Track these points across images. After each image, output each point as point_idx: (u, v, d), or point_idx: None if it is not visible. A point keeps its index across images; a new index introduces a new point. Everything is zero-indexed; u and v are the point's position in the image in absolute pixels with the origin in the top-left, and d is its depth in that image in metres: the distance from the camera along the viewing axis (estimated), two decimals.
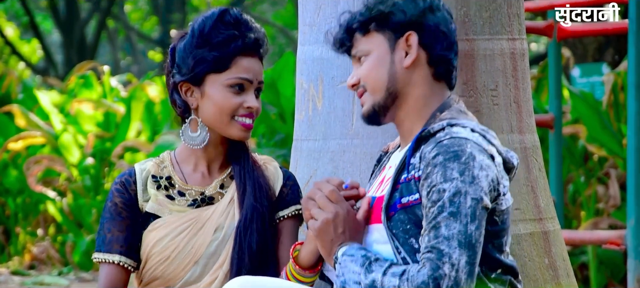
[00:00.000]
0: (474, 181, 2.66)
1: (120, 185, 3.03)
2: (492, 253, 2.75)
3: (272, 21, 27.42)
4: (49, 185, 9.48)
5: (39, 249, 9.52)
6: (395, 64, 2.83)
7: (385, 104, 2.84)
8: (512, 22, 3.34)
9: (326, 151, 3.30)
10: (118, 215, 3.01)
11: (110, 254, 2.99)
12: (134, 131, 9.57)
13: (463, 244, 2.62)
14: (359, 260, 2.70)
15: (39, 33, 23.69)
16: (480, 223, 2.65)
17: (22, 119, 9.52)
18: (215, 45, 2.96)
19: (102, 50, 29.14)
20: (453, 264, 2.61)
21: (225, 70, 2.97)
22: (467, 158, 2.67)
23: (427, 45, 2.82)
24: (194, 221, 2.99)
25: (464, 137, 2.71)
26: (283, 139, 8.63)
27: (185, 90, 3.01)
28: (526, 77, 3.38)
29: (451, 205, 2.65)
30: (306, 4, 3.36)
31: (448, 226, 2.63)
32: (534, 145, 3.38)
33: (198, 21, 3.00)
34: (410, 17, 2.82)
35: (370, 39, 2.85)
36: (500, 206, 2.74)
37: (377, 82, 2.83)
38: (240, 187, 3.01)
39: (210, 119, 2.99)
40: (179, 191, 3.02)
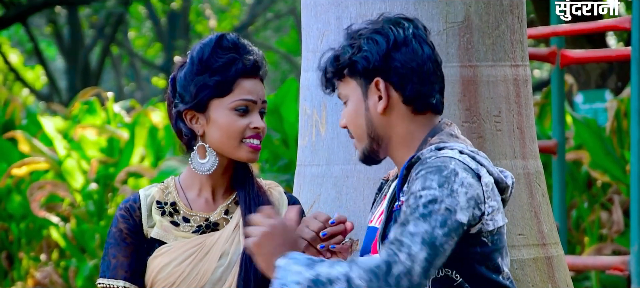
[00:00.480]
0: (451, 194, 2.64)
1: (124, 211, 3.02)
2: (489, 275, 2.74)
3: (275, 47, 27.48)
4: (52, 210, 9.49)
5: (42, 274, 9.51)
6: (371, 110, 2.81)
7: (372, 148, 2.83)
8: (515, 48, 3.35)
9: (329, 176, 3.31)
10: (123, 240, 3.00)
11: (114, 280, 2.98)
12: (138, 156, 9.58)
13: (426, 242, 2.60)
14: (302, 260, 2.65)
15: (43, 59, 23.75)
16: (450, 233, 2.63)
17: (26, 145, 9.53)
18: (216, 70, 2.96)
19: (106, 76, 29.20)
20: (410, 254, 2.59)
21: (229, 93, 2.97)
22: (449, 173, 2.66)
23: (398, 86, 2.79)
24: (199, 247, 2.99)
25: (450, 156, 2.71)
26: (286, 164, 8.64)
27: (190, 117, 3.00)
28: (529, 103, 3.39)
29: (424, 208, 2.63)
30: (309, 31, 3.38)
31: (416, 225, 2.62)
32: (537, 171, 3.38)
33: (196, 49, 3.00)
34: (374, 63, 2.78)
35: (347, 85, 2.85)
36: (486, 226, 2.72)
37: (358, 129, 2.83)
38: (246, 213, 3.01)
39: (218, 144, 2.99)
40: (184, 217, 3.02)
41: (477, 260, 2.72)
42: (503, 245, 2.77)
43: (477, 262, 2.72)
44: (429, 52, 2.82)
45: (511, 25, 3.33)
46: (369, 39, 2.80)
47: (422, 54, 2.80)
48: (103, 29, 23.56)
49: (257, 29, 27.83)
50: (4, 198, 9.72)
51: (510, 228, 3.27)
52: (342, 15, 3.28)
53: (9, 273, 9.74)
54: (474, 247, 2.72)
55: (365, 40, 2.81)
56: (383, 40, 2.79)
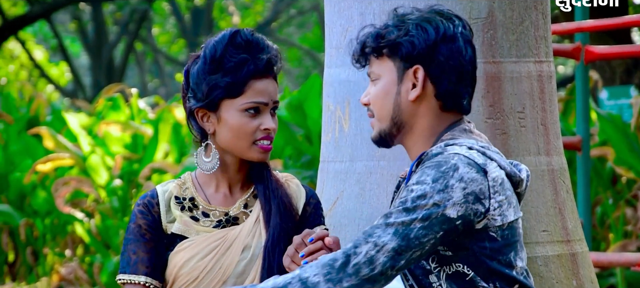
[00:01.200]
0: (445, 189, 2.64)
1: (142, 206, 3.01)
2: (502, 269, 2.73)
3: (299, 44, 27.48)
4: (77, 206, 9.53)
5: (67, 270, 9.56)
6: (401, 95, 2.79)
7: (391, 132, 2.82)
8: (539, 44, 3.34)
9: (353, 173, 3.31)
10: (142, 236, 3.00)
11: (136, 275, 2.98)
12: (162, 153, 9.60)
13: (399, 233, 2.60)
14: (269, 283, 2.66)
15: (67, 56, 23.86)
16: (432, 227, 2.62)
17: (51, 141, 9.58)
18: (228, 70, 2.95)
19: (130, 72, 29.29)
20: (376, 244, 2.60)
21: (240, 95, 2.95)
22: (448, 169, 2.66)
23: (435, 80, 2.78)
24: (222, 241, 2.99)
25: (454, 152, 2.70)
26: (310, 161, 8.64)
27: (202, 115, 3.00)
28: (553, 100, 3.38)
29: (412, 202, 2.63)
30: (333, 27, 3.38)
31: (397, 216, 2.62)
32: (561, 168, 3.37)
33: (209, 45, 2.98)
34: (419, 50, 2.76)
35: (382, 64, 2.82)
36: (494, 222, 2.70)
37: (382, 110, 2.82)
38: (266, 207, 3.01)
39: (229, 144, 2.99)
40: (203, 212, 3.02)
41: (487, 255, 2.71)
42: (516, 240, 2.75)
43: (488, 257, 2.71)
44: (471, 55, 2.80)
45: (535, 21, 3.32)
46: (419, 26, 2.78)
47: (465, 54, 2.79)
48: (127, 25, 23.64)
49: (280, 25, 27.84)
50: (29, 194, 9.78)
51: (534, 225, 3.26)
52: (365, 11, 3.28)
53: (34, 268, 9.79)
54: (482, 241, 2.71)
55: (414, 25, 2.78)
56: (432, 30, 2.77)
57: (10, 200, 9.82)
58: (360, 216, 3.27)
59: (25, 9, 22.05)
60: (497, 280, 2.72)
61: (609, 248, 7.74)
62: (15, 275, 9.90)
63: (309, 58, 27.79)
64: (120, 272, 3.01)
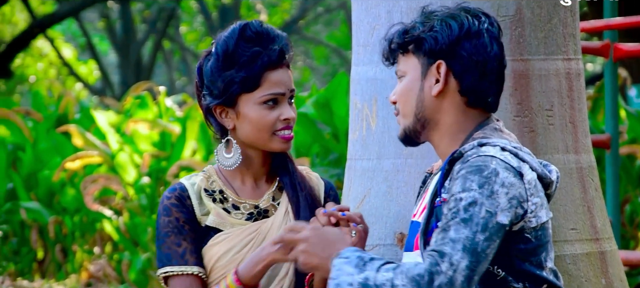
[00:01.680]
0: (492, 195, 2.64)
1: (175, 199, 2.98)
2: (533, 270, 2.73)
3: (326, 41, 27.48)
4: (105, 204, 9.57)
5: (96, 267, 9.61)
6: (425, 91, 2.80)
7: (415, 128, 2.83)
8: (567, 42, 3.32)
9: (380, 170, 3.31)
10: (181, 228, 2.97)
11: (187, 266, 2.95)
12: (189, 150, 9.63)
13: (467, 249, 2.60)
14: (353, 260, 2.66)
15: (95, 54, 23.97)
16: (492, 237, 2.63)
17: (79, 139, 9.63)
18: (242, 64, 2.94)
19: (158, 70, 29.39)
20: (452, 264, 2.59)
21: (256, 88, 2.95)
22: (489, 174, 2.66)
23: (458, 75, 2.77)
24: (256, 234, 2.99)
25: (491, 155, 2.69)
26: (337, 159, 8.63)
27: (220, 112, 3.00)
28: (582, 97, 3.36)
29: (465, 212, 2.63)
30: (360, 25, 3.38)
31: (457, 230, 2.62)
32: (590, 166, 3.35)
33: (220, 41, 2.97)
34: (442, 46, 2.77)
35: (408, 60, 2.83)
36: (529, 224, 2.71)
37: (406, 106, 2.82)
38: (294, 199, 3.02)
39: (250, 137, 2.98)
40: (233, 205, 3.02)
41: (520, 256, 2.72)
42: (547, 240, 2.76)
43: (520, 258, 2.71)
44: (496, 51, 2.79)
45: (563, 19, 3.31)
46: (443, 21, 2.78)
47: (490, 50, 2.78)
48: (155, 23, 23.72)
49: (307, 23, 27.84)
50: (58, 192, 9.83)
51: (563, 223, 3.25)
52: (392, 9, 3.28)
53: (63, 266, 9.85)
54: (517, 244, 2.71)
55: (438, 21, 2.79)
56: (456, 25, 2.77)
57: (39, 197, 9.88)
58: (387, 214, 3.27)
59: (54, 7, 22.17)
60: (527, 280, 2.73)
61: (638, 247, 7.70)
62: (44, 273, 9.96)
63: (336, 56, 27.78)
64: (164, 266, 2.95)
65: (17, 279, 9.72)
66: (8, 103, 12.19)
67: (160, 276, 2.97)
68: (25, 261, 9.93)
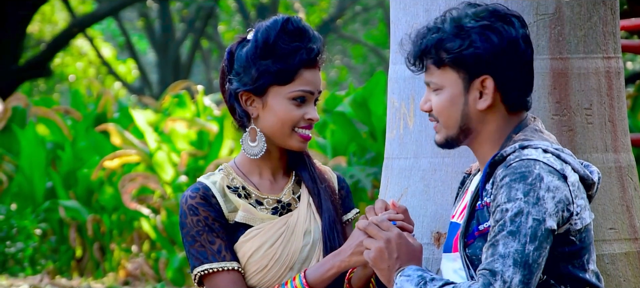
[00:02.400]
0: (538, 202, 2.62)
1: (201, 199, 2.96)
2: (576, 273, 2.71)
3: (363, 40, 27.46)
4: (143, 202, 9.62)
5: (134, 265, 9.65)
6: (469, 105, 2.77)
7: (458, 137, 2.81)
8: (607, 40, 3.30)
9: (417, 169, 3.30)
10: (212, 226, 2.95)
11: (226, 262, 2.94)
12: (227, 149, 9.66)
13: (518, 263, 2.59)
14: (415, 279, 2.69)
15: (134, 53, 24.10)
16: (541, 244, 2.61)
17: (118, 138, 9.68)
18: (280, 57, 2.94)
19: (196, 69, 29.51)
20: (505, 281, 2.58)
21: (289, 82, 2.95)
22: (534, 180, 2.64)
23: (503, 87, 2.75)
24: (286, 228, 2.99)
25: (534, 158, 2.67)
26: (374, 157, 8.63)
27: (246, 99, 2.99)
28: (621, 96, 3.34)
29: (511, 224, 2.61)
30: (398, 24, 3.37)
31: (506, 244, 2.60)
32: (629, 164, 3.33)
33: (261, 30, 2.97)
34: (485, 61, 2.73)
35: (444, 74, 2.77)
36: (574, 226, 2.69)
37: (449, 119, 2.79)
38: (315, 191, 3.03)
39: (271, 130, 2.98)
40: (257, 200, 3.01)
41: (564, 259, 2.70)
42: (590, 242, 2.74)
43: (564, 261, 2.70)
44: (530, 54, 2.78)
45: (603, 17, 3.28)
46: (482, 35, 2.73)
47: (525, 54, 2.76)
48: (193, 22, 23.81)
49: (345, 21, 27.84)
50: (97, 190, 9.89)
51: (601, 222, 3.23)
52: (430, 7, 3.27)
53: (101, 264, 9.91)
54: (562, 247, 2.69)
55: (476, 34, 2.73)
56: (496, 38, 2.73)
57: (78, 196, 9.94)
58: (424, 213, 3.26)
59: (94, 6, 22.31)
60: (570, 283, 2.71)
61: None
62: (82, 271, 10.03)
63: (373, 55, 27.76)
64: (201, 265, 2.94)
65: (55, 277, 9.79)
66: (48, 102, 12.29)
67: (197, 275, 2.95)
68: (64, 259, 10.00)
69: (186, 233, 2.96)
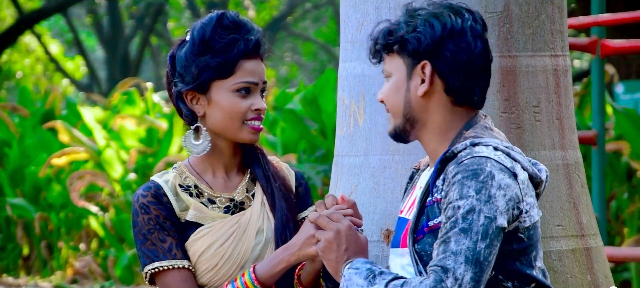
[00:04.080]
0: (489, 200, 2.64)
1: (152, 197, 2.96)
2: (523, 269, 2.74)
3: (314, 38, 27.47)
4: (91, 200, 9.55)
5: (82, 264, 9.58)
6: (411, 91, 2.79)
7: (405, 127, 2.83)
8: (555, 38, 3.32)
9: (367, 167, 3.30)
10: (163, 224, 2.95)
11: (177, 260, 2.94)
12: (176, 146, 9.61)
13: (470, 260, 2.60)
14: (363, 273, 2.70)
15: (83, 50, 23.92)
16: (492, 242, 2.63)
17: (66, 135, 9.60)
18: (218, 51, 2.94)
19: (145, 66, 29.34)
20: (456, 278, 2.60)
21: (230, 75, 2.95)
22: (486, 177, 2.65)
23: (443, 75, 2.77)
24: (237, 226, 2.98)
25: (485, 156, 2.69)
26: (324, 155, 8.63)
27: (191, 98, 2.98)
28: (569, 94, 3.36)
29: (464, 221, 2.63)
30: (348, 21, 3.37)
31: (457, 241, 2.62)
32: (576, 162, 3.36)
33: (197, 27, 2.97)
34: (426, 46, 2.76)
35: (393, 61, 2.82)
36: (523, 224, 2.71)
37: (394, 106, 2.82)
38: (268, 190, 3.02)
39: (220, 125, 2.97)
40: (209, 199, 3.00)
41: (512, 256, 2.72)
42: (538, 239, 2.77)
43: (512, 258, 2.72)
44: (481, 48, 2.78)
45: (551, 15, 3.31)
46: (426, 21, 2.77)
47: (474, 48, 2.77)
48: (142, 19, 23.67)
49: (295, 19, 27.82)
50: (44, 188, 9.81)
51: (549, 219, 3.25)
52: (380, 5, 3.27)
53: (48, 262, 9.82)
54: (510, 244, 2.71)
55: (421, 21, 2.77)
56: (439, 25, 2.76)
57: (25, 193, 9.85)
58: (374, 211, 3.26)
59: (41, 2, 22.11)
60: (516, 279, 2.73)
61: (623, 243, 7.72)
62: (29, 269, 9.93)
63: (323, 52, 27.77)
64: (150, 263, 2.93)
65: (2, 276, 9.70)
66: None
67: (148, 273, 2.93)
68: (11, 257, 9.90)
69: (138, 231, 2.95)
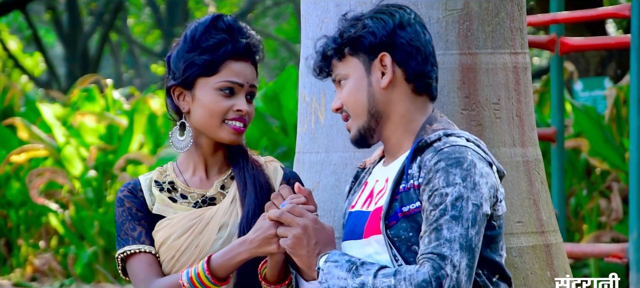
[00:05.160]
0: (475, 187, 2.70)
1: (128, 192, 3.05)
2: (493, 257, 2.79)
3: (274, 35, 27.44)
4: (51, 197, 9.50)
5: (41, 261, 9.52)
6: (373, 86, 2.85)
7: (370, 125, 2.87)
8: (514, 36, 3.34)
9: (328, 164, 3.31)
10: (136, 215, 3.03)
11: (144, 245, 3.01)
12: (137, 144, 9.58)
13: (464, 247, 2.66)
14: (345, 265, 2.72)
15: (41, 46, 23.73)
16: (480, 229, 2.69)
17: (25, 132, 9.53)
18: (205, 49, 2.98)
19: (105, 63, 29.18)
20: (454, 266, 2.64)
21: (215, 73, 2.98)
22: (469, 165, 2.71)
23: (402, 63, 2.84)
24: (198, 220, 3.01)
25: (464, 145, 2.75)
26: (285, 152, 8.64)
27: (178, 94, 3.03)
28: (528, 91, 3.39)
29: (453, 208, 2.68)
30: (309, 18, 3.37)
31: (450, 229, 2.66)
32: (536, 159, 3.38)
33: (191, 27, 3.03)
34: (381, 38, 2.84)
35: (347, 63, 2.88)
36: (497, 212, 2.78)
37: (357, 106, 2.86)
38: (241, 186, 3.03)
39: (201, 122, 3.01)
40: (182, 194, 3.05)
41: (485, 242, 2.77)
42: (503, 230, 2.84)
43: (484, 245, 2.78)
44: (428, 38, 2.88)
45: (511, 13, 3.33)
46: (374, 18, 2.85)
47: (424, 36, 2.87)
48: (102, 15, 23.54)
49: (256, 16, 27.78)
50: (3, 185, 9.73)
51: (509, 216, 3.27)
52: (341, 2, 3.28)
53: (7, 260, 9.75)
54: (485, 230, 2.77)
55: (369, 19, 2.85)
56: (389, 19, 2.85)
57: None
58: (335, 207, 3.27)
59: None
60: (486, 268, 2.78)
61: (583, 239, 7.78)
62: None
63: (284, 49, 27.76)
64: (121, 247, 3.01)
65: None
66: None
67: (118, 258, 3.02)
68: None
69: (116, 223, 3.05)
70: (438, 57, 3.06)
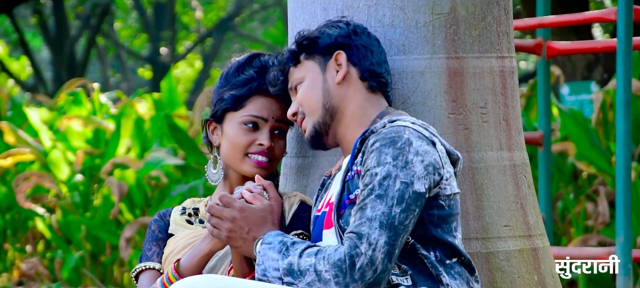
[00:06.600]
0: (406, 166, 2.72)
1: (158, 216, 3.21)
2: (445, 237, 2.81)
3: (262, 39, 27.44)
4: (37, 201, 9.47)
5: (28, 265, 9.49)
6: (328, 82, 2.94)
7: (325, 120, 2.94)
8: (501, 40, 3.35)
9: (316, 167, 3.31)
10: (157, 237, 3.18)
11: (152, 262, 3.15)
12: (124, 148, 9.56)
13: (384, 225, 2.68)
14: (276, 246, 2.76)
15: (28, 50, 23.68)
16: (409, 207, 2.71)
17: (11, 136, 9.50)
18: (235, 85, 3.10)
19: (92, 67, 29.14)
20: (371, 243, 2.66)
21: (241, 108, 3.09)
22: (403, 144, 2.74)
23: (357, 62, 2.94)
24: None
25: (403, 125, 2.79)
26: None
27: (212, 128, 3.17)
28: (515, 95, 3.39)
29: (380, 187, 2.71)
30: (296, 22, 3.37)
31: (373, 208, 2.70)
32: (523, 163, 3.38)
33: (229, 64, 3.17)
34: (337, 39, 2.95)
35: (302, 68, 2.98)
36: (444, 190, 2.80)
37: (312, 101, 2.94)
38: None
39: (226, 155, 3.12)
40: (200, 219, 3.17)
41: (433, 222, 2.79)
42: (458, 212, 2.85)
43: (433, 224, 2.80)
44: (383, 52, 2.99)
45: (497, 17, 3.33)
46: (330, 27, 2.99)
47: (377, 44, 2.99)
48: (89, 19, 23.50)
49: (243, 20, 27.77)
50: None
51: (496, 220, 3.27)
52: (328, 6, 3.28)
53: None
54: (431, 209, 2.79)
55: (325, 26, 2.99)
56: (344, 25, 2.98)
57: None
58: None
59: None
60: (438, 249, 2.80)
61: (570, 243, 7.79)
62: None
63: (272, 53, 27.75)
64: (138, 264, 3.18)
65: None
66: None
67: (132, 275, 3.17)
68: None
69: None
70: (425, 60, 3.08)
